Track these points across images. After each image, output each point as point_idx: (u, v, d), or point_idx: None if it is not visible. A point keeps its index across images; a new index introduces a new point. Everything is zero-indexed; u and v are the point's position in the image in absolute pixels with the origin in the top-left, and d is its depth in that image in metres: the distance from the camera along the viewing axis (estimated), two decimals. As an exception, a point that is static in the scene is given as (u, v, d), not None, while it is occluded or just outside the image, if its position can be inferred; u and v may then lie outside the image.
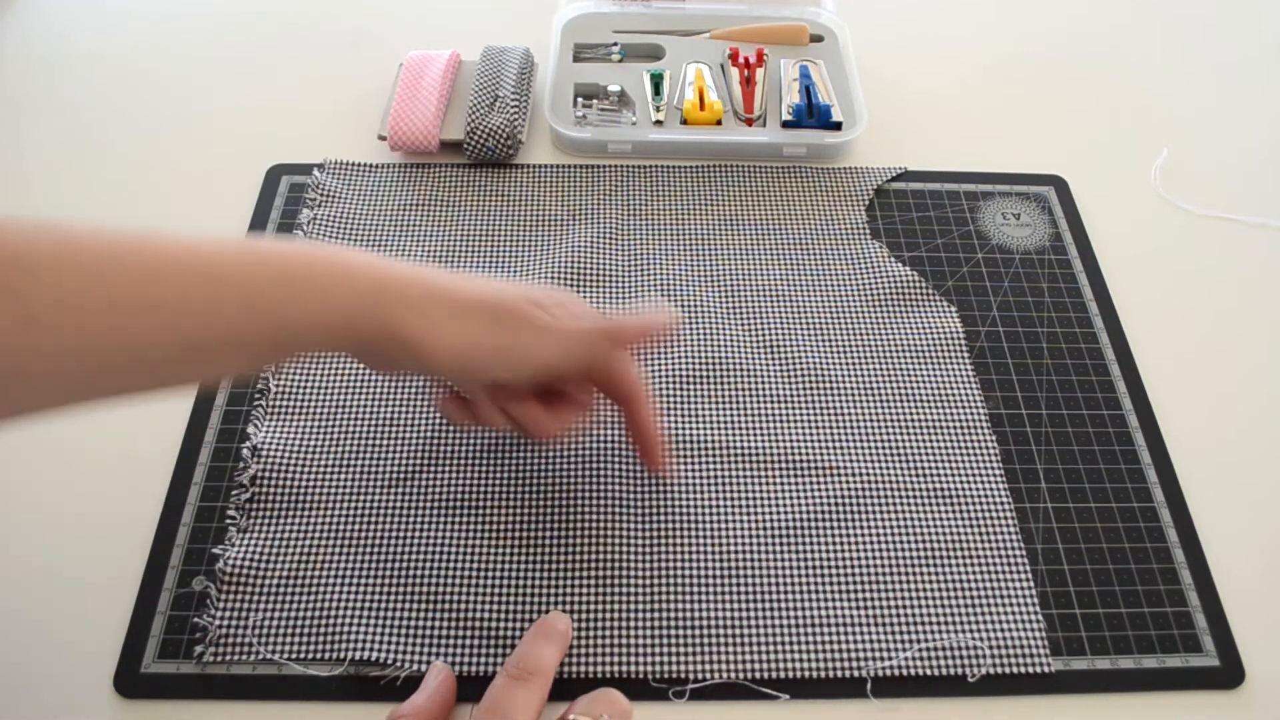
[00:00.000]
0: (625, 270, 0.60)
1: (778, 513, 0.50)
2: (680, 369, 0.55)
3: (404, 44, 0.73)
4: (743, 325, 0.58)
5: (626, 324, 0.47)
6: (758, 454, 0.52)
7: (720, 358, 0.56)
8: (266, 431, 0.52)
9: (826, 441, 0.53)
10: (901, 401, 0.55)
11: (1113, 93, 0.75)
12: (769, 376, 0.56)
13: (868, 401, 0.55)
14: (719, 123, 0.67)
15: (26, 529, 0.49)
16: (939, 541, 0.50)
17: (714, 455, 0.52)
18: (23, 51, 0.74)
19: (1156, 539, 0.51)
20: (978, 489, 0.52)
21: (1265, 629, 0.48)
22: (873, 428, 0.54)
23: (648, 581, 0.48)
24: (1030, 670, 0.46)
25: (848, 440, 0.53)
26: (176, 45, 0.75)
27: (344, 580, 0.47)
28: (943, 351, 0.57)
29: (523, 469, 0.51)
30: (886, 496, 0.51)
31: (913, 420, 0.54)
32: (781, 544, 0.49)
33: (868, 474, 0.52)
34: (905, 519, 0.50)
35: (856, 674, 0.45)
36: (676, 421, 0.53)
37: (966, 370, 0.56)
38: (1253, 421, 0.56)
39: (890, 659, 0.46)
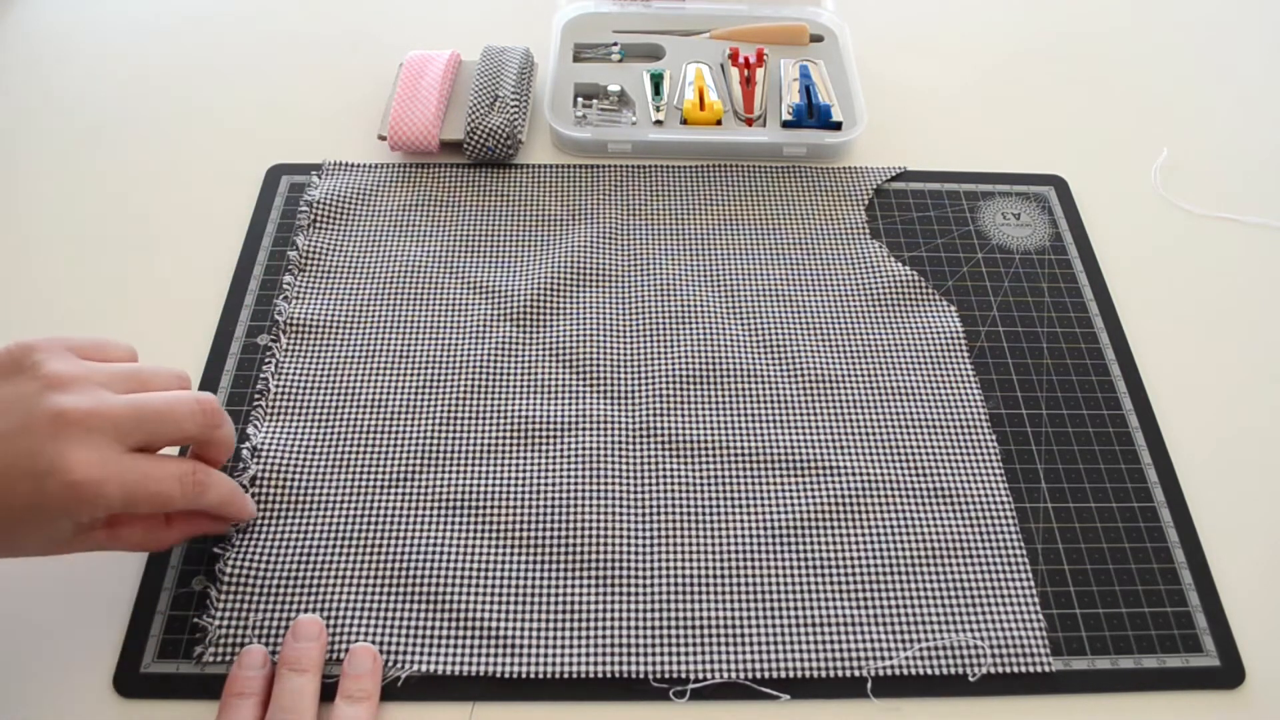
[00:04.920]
0: (625, 270, 0.60)
1: (778, 513, 0.50)
2: (680, 369, 0.55)
3: (404, 44, 0.73)
4: (743, 325, 0.58)
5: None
6: (758, 454, 0.52)
7: (720, 358, 0.56)
8: (266, 431, 0.52)
9: (826, 441, 0.53)
10: (901, 401, 0.55)
11: (1113, 93, 0.75)
12: (769, 377, 0.56)
13: (868, 401, 0.55)
14: (719, 123, 0.67)
15: (26, 529, 0.49)
16: (939, 541, 0.50)
17: (714, 455, 0.52)
18: (23, 52, 0.74)
19: (1156, 539, 0.51)
20: (978, 489, 0.52)
21: (1265, 629, 0.48)
22: (873, 427, 0.54)
23: (648, 581, 0.48)
24: (1030, 670, 0.46)
25: (848, 440, 0.53)
26: (176, 45, 0.75)
27: (344, 580, 0.47)
28: (943, 351, 0.57)
29: (523, 469, 0.51)
30: (886, 496, 0.51)
31: (913, 420, 0.54)
32: (781, 544, 0.49)
33: (868, 474, 0.52)
34: (905, 519, 0.50)
35: (857, 673, 0.45)
36: (676, 421, 0.53)
37: (966, 370, 0.56)
38: (1253, 421, 0.56)
39: (891, 658, 0.46)
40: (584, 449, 0.52)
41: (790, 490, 0.51)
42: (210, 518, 0.46)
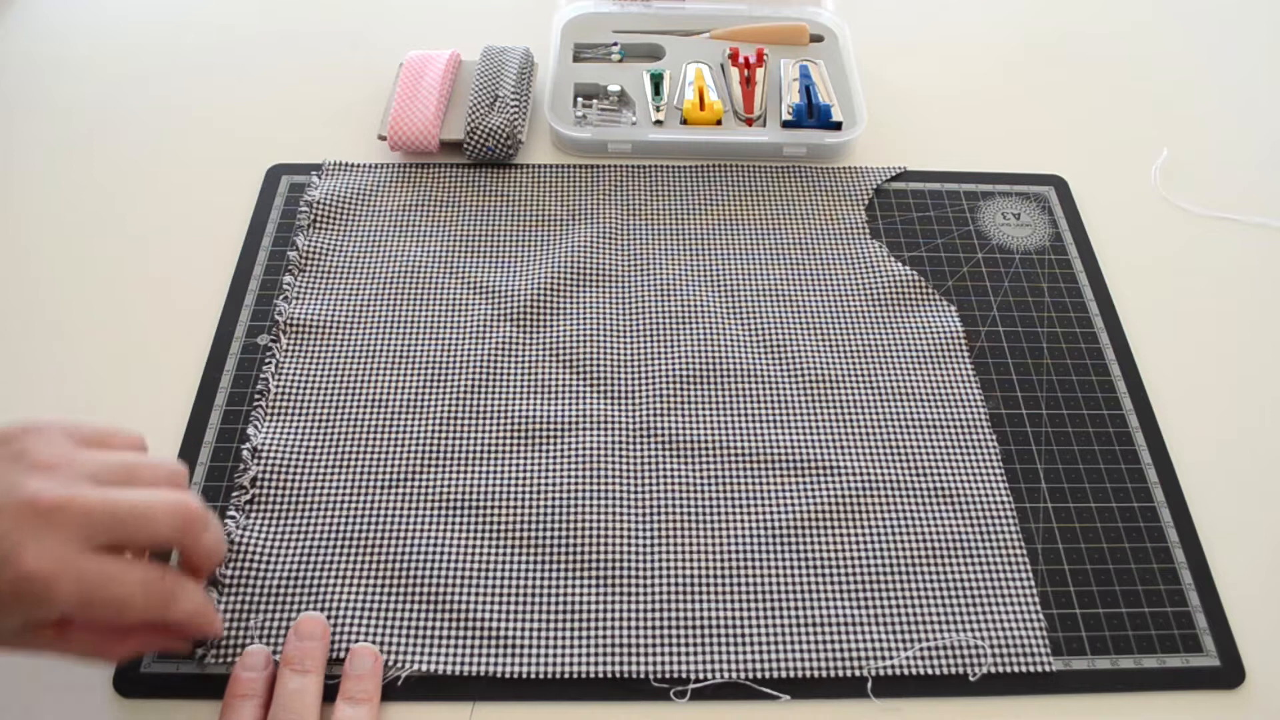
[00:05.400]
0: (625, 270, 0.60)
1: (778, 513, 0.50)
2: (680, 369, 0.55)
3: (404, 44, 0.73)
4: (743, 325, 0.58)
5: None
6: (758, 454, 0.52)
7: (720, 358, 0.56)
8: (266, 431, 0.52)
9: (826, 441, 0.53)
10: (901, 401, 0.55)
11: (1113, 93, 0.75)
12: (769, 377, 0.56)
13: (868, 401, 0.55)
14: (719, 123, 0.67)
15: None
16: (939, 541, 0.50)
17: (714, 455, 0.52)
18: (22, 53, 0.74)
19: (1156, 539, 0.51)
20: (978, 489, 0.52)
21: (1265, 629, 0.48)
22: (873, 427, 0.54)
23: (648, 581, 0.48)
24: (1031, 670, 0.46)
25: (848, 440, 0.53)
26: (176, 46, 0.75)
27: (344, 580, 0.47)
28: (943, 351, 0.57)
29: (523, 469, 0.51)
30: (886, 496, 0.51)
31: (913, 420, 0.54)
32: (781, 544, 0.49)
33: (868, 474, 0.52)
34: (905, 519, 0.50)
35: (857, 673, 0.45)
36: (676, 421, 0.53)
37: (966, 370, 0.56)
38: (1253, 421, 0.56)
39: (891, 658, 0.46)
40: (584, 449, 0.52)
41: (790, 490, 0.51)
42: (173, 635, 0.42)
